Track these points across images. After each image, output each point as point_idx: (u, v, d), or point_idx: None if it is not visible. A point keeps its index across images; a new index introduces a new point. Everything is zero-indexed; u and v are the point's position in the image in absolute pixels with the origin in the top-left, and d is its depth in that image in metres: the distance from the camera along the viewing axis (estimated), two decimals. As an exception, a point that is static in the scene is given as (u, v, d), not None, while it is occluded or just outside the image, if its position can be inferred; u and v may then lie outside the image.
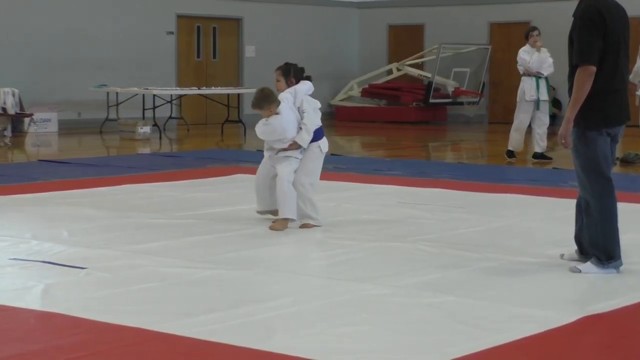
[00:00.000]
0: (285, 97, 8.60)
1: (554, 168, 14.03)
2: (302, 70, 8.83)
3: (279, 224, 8.48)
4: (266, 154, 8.74)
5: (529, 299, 6.13)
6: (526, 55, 14.79)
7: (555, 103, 22.94)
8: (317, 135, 8.69)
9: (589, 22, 6.65)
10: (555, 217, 9.23)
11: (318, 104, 8.81)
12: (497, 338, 5.20)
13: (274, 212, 8.66)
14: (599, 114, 6.71)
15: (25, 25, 20.28)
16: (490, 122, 24.50)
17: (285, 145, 8.59)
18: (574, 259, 7.10)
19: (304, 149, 8.64)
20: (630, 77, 14.34)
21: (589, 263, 6.84)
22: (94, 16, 21.36)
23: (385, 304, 5.95)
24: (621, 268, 6.84)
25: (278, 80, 8.76)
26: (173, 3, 22.83)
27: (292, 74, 8.75)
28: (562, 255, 7.23)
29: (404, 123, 23.81)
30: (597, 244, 6.81)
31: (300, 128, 8.60)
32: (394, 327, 5.47)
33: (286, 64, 8.87)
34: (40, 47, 20.48)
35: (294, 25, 25.05)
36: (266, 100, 8.52)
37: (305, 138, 8.60)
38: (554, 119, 22.92)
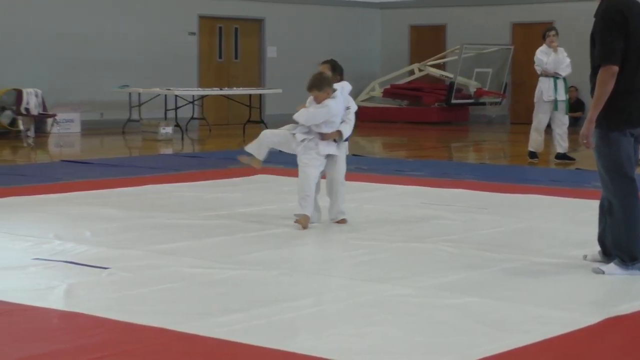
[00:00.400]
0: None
1: (576, 169, 13.99)
2: (342, 69, 8.90)
3: (304, 220, 8.53)
4: (299, 136, 8.72)
5: (551, 300, 6.11)
6: (543, 56, 14.80)
7: (579, 104, 22.87)
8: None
9: (610, 23, 6.64)
10: (578, 218, 9.19)
11: (355, 107, 8.94)
12: (519, 339, 5.18)
13: None
14: (621, 114, 6.68)
15: (48, 26, 20.36)
16: (512, 123, 24.44)
17: (329, 131, 8.63)
18: (597, 260, 7.07)
19: (339, 145, 8.70)
20: None
21: (612, 264, 6.80)
22: (116, 17, 21.43)
23: (407, 305, 5.94)
24: None
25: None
26: (195, 4, 22.88)
27: (338, 70, 8.83)
28: (585, 257, 7.20)
29: (426, 123, 23.78)
30: (621, 245, 6.76)
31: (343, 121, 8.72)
32: (416, 328, 5.46)
33: (332, 59, 8.93)
34: (62, 47, 20.55)
35: (316, 26, 25.07)
36: (326, 83, 8.61)
37: (347, 131, 8.74)
38: (577, 120, 22.88)
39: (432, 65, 24.87)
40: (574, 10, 22.61)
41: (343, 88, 8.79)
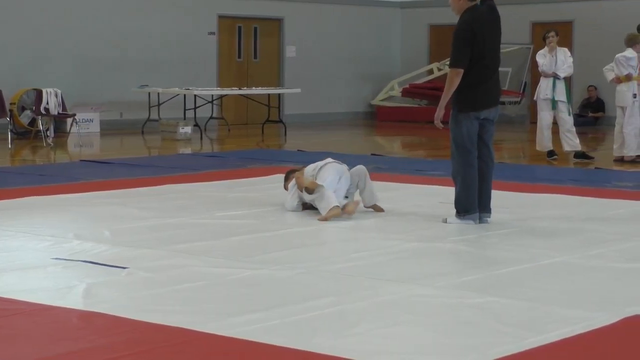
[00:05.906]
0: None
1: (596, 168, 13.93)
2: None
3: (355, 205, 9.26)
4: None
5: (572, 300, 6.08)
6: (541, 58, 15.28)
7: (600, 104, 22.81)
8: None
9: (462, 34, 8.57)
10: (600, 217, 9.15)
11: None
12: (539, 339, 5.16)
13: None
14: (467, 101, 8.65)
15: (68, 26, 20.40)
16: (532, 122, 24.16)
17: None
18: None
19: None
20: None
21: (452, 216, 8.68)
22: (135, 17, 21.46)
23: (428, 305, 5.93)
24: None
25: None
26: (214, 3, 22.89)
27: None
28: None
29: (445, 123, 23.66)
30: (460, 201, 8.65)
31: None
32: (437, 328, 5.44)
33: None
34: (82, 48, 20.60)
35: (335, 25, 25.04)
36: (290, 172, 9.91)
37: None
38: (597, 120, 22.80)
39: (452, 65, 24.78)
40: (594, 9, 22.52)
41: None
